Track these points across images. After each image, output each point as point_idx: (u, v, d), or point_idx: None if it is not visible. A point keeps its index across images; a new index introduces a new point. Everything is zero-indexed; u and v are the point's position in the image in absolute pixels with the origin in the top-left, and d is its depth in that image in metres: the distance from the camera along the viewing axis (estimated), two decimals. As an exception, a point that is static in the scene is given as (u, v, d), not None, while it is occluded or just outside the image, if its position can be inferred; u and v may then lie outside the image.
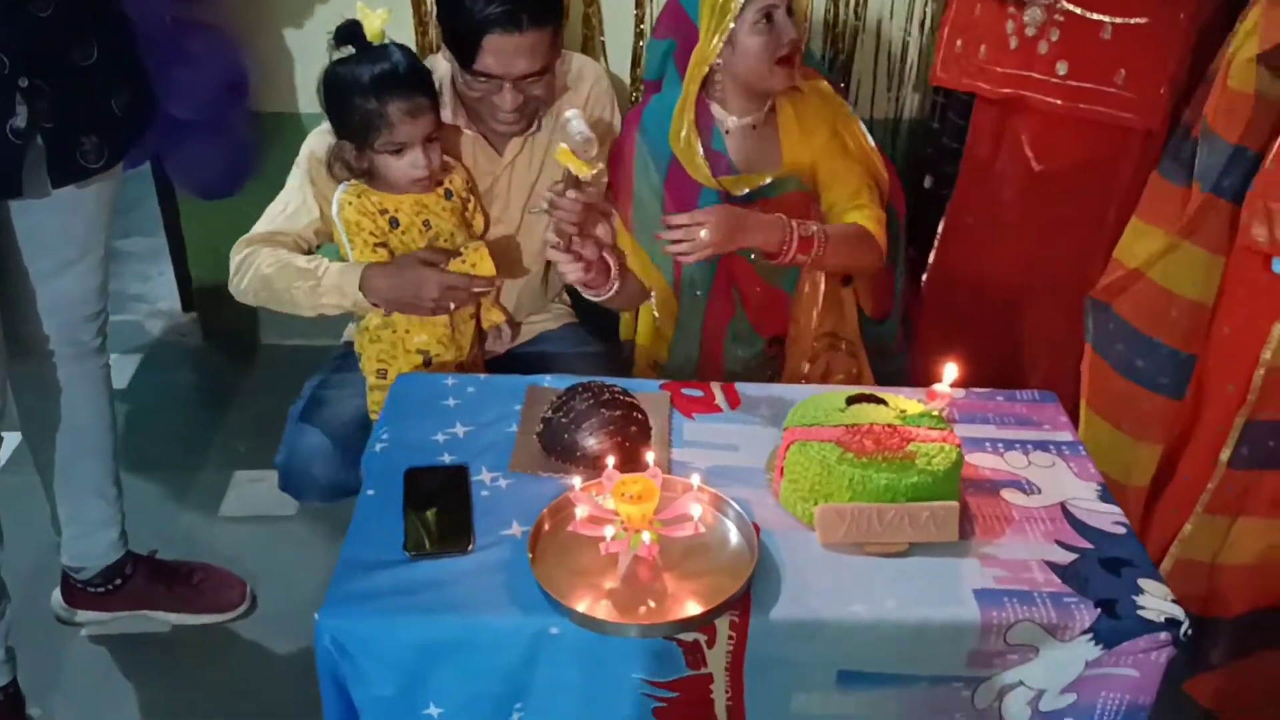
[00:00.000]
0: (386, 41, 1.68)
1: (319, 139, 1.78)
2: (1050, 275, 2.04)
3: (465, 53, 1.71)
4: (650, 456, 1.28)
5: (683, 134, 1.76)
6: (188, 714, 1.78)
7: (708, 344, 1.88)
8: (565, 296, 2.12)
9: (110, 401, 1.81)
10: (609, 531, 1.21)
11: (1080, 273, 1.94)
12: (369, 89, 1.64)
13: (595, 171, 1.60)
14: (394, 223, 1.73)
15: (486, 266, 1.72)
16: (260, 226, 1.80)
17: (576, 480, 1.28)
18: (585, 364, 1.89)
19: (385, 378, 1.78)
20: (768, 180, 1.79)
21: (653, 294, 1.88)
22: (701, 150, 1.76)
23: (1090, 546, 1.30)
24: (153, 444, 2.38)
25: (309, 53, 2.32)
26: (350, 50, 1.67)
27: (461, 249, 1.75)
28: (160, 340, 2.76)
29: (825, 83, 1.86)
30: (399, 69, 1.66)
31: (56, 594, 1.92)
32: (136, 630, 1.91)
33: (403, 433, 1.47)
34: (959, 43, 2.01)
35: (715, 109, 1.78)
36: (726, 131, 1.79)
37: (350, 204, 1.72)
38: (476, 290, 1.73)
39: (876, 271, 1.82)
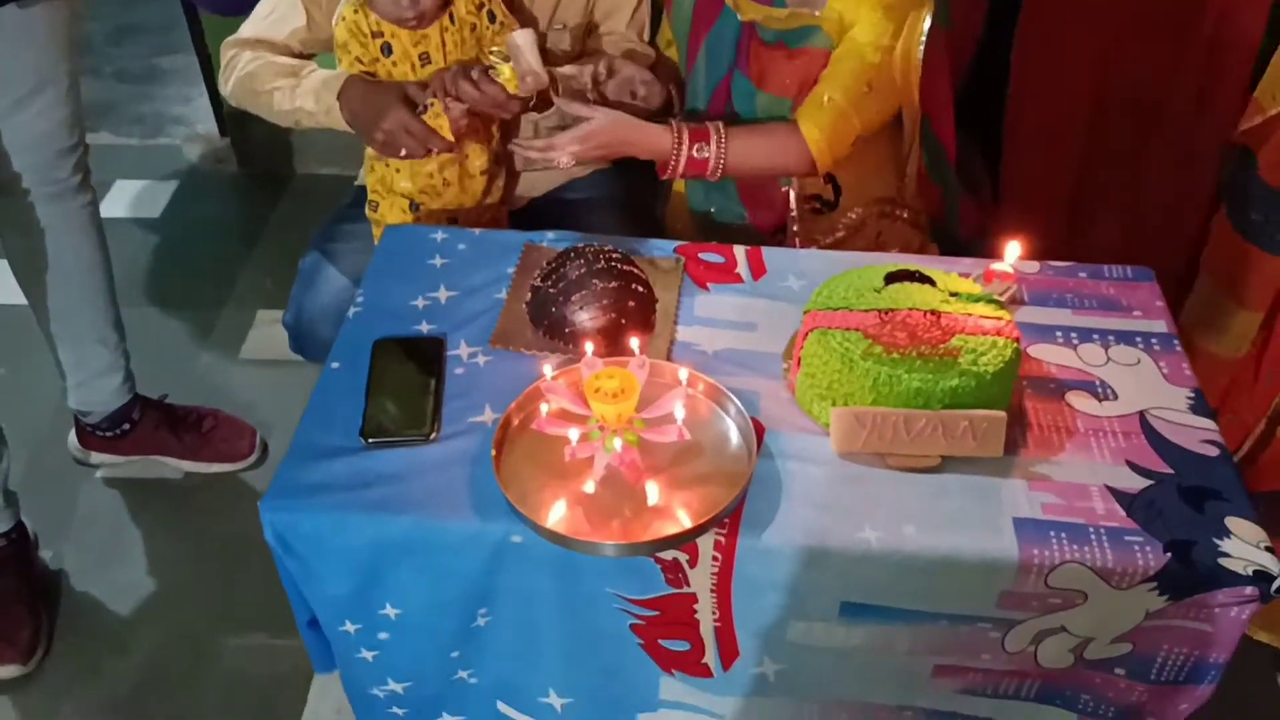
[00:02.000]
0: None
1: None
2: (1144, 90, 1.71)
3: None
4: (635, 343, 1.08)
5: None
6: (193, 562, 1.75)
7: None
8: None
9: (100, 244, 1.68)
10: (575, 433, 1.03)
11: (1186, 84, 1.62)
12: None
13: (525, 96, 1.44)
14: (386, 49, 1.51)
15: (445, 129, 1.48)
16: (245, 31, 1.61)
17: (547, 367, 1.10)
18: (615, 219, 1.68)
19: (376, 210, 1.62)
20: (787, 19, 1.47)
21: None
22: None
23: (1169, 471, 1.07)
24: (179, 278, 2.30)
25: None
26: None
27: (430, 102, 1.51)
28: (196, 167, 2.66)
29: None
30: None
31: (72, 435, 1.87)
32: (150, 475, 1.86)
33: (382, 295, 1.31)
34: None
35: None
36: None
37: (344, 20, 1.51)
38: (432, 149, 1.49)
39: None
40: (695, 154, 1.44)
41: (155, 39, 3.03)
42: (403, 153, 1.47)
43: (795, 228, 1.56)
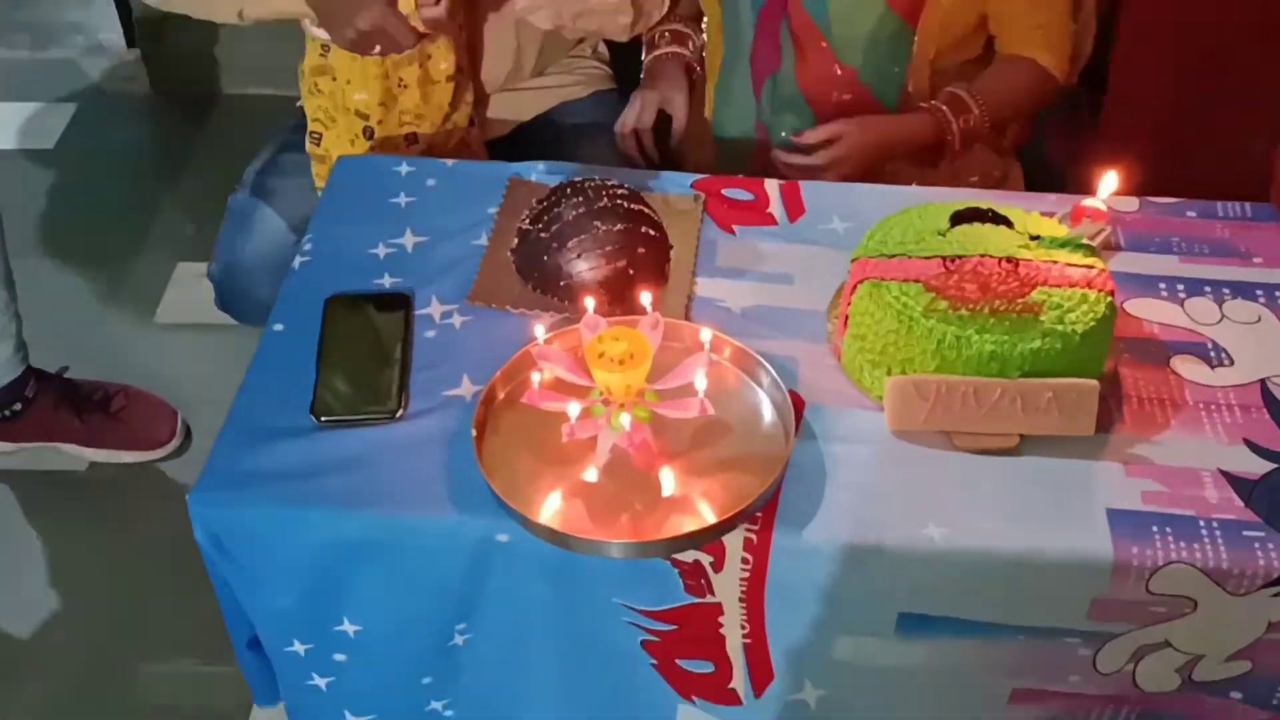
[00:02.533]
0: None
1: None
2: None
3: None
4: (647, 298, 1.11)
5: None
6: (103, 573, 1.77)
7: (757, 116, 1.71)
8: (602, 48, 1.92)
9: None
10: (574, 408, 1.05)
11: None
12: None
13: None
14: None
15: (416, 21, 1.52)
16: None
17: (539, 327, 1.12)
18: (614, 149, 1.73)
19: (319, 144, 1.66)
20: None
21: (704, 24, 1.73)
22: None
23: (1297, 452, 1.10)
24: (81, 224, 2.33)
25: None
26: None
27: None
28: (98, 86, 2.69)
29: None
30: None
31: (-46, 418, 1.90)
32: (47, 466, 1.90)
33: (334, 242, 1.36)
34: None
35: None
36: None
37: None
38: (405, 43, 1.53)
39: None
40: (964, 125, 1.59)
41: (43, -72, 3.05)
42: (376, 49, 1.51)
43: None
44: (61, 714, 1.62)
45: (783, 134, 1.69)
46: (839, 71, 1.65)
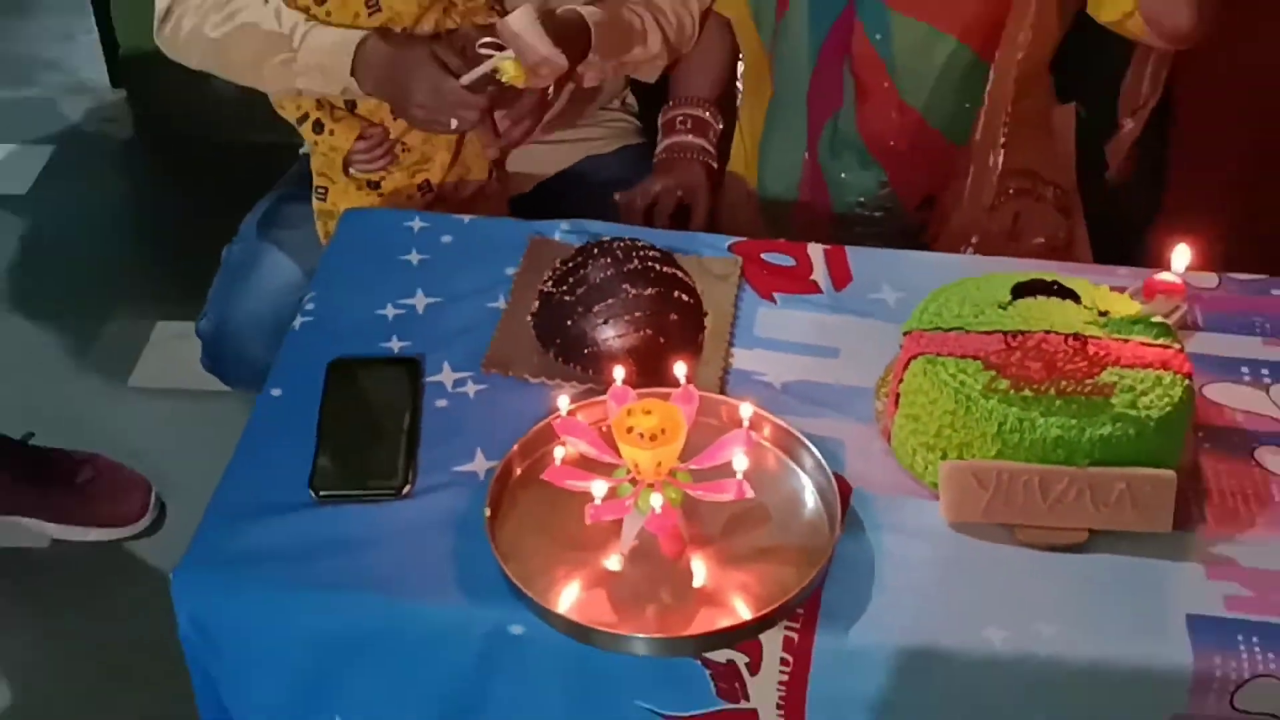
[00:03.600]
0: None
1: None
2: None
3: None
4: (682, 369, 1.13)
5: None
6: (63, 665, 1.78)
7: (814, 162, 1.75)
8: (630, 99, 1.98)
9: None
10: (599, 487, 1.06)
11: None
12: None
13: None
14: None
15: (511, 75, 1.55)
16: None
17: (563, 399, 1.14)
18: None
19: (324, 198, 1.71)
20: None
21: (740, 66, 1.81)
22: None
23: (1396, 555, 1.12)
24: (53, 276, 2.37)
25: None
26: None
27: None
28: (79, 128, 2.76)
29: None
30: None
31: (-99, 489, 1.92)
32: (4, 543, 1.91)
33: (338, 301, 1.39)
34: None
35: None
36: None
37: None
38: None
39: None
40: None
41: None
42: (453, 125, 1.56)
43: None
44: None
45: (842, 175, 1.74)
46: (901, 115, 1.70)
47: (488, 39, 1.55)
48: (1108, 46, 1.70)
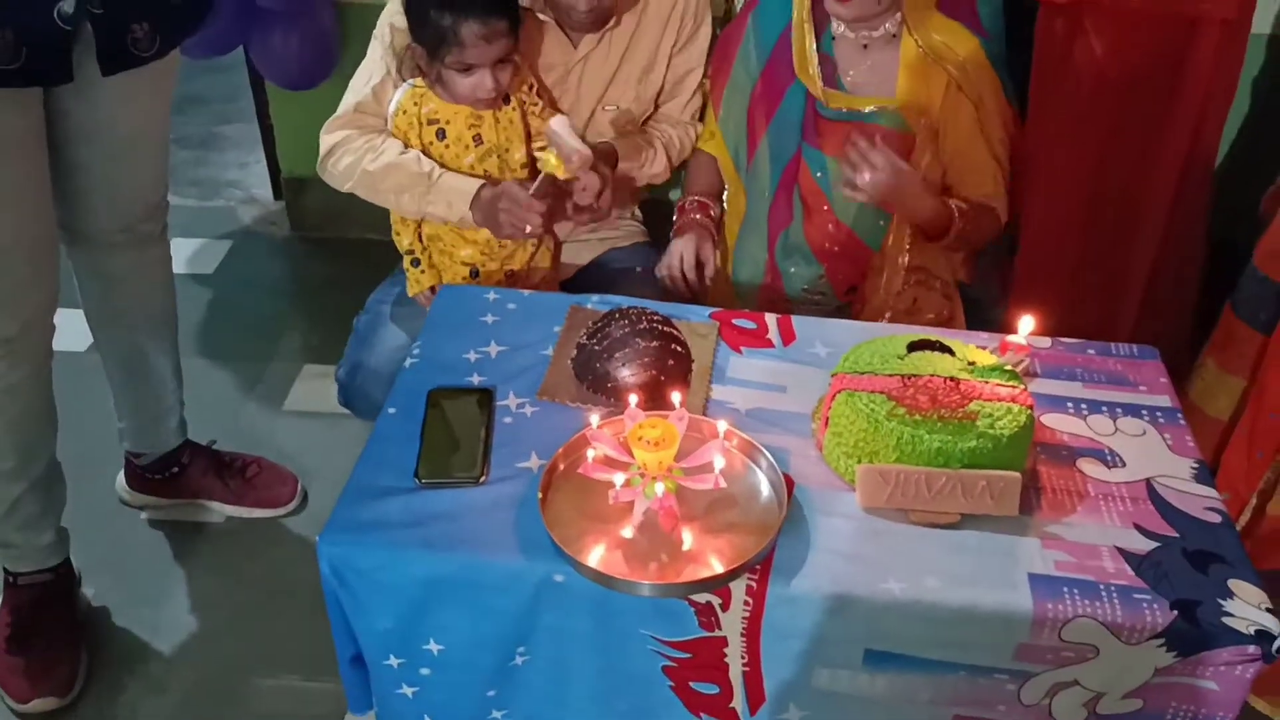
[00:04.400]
0: None
1: (397, 8, 1.64)
2: (1132, 188, 1.83)
3: None
4: (676, 397, 1.14)
5: (797, 17, 1.66)
6: (231, 604, 1.77)
7: (772, 260, 1.75)
8: (638, 212, 1.97)
9: (171, 291, 1.76)
10: (618, 479, 1.07)
11: (1166, 184, 1.77)
12: (447, 3, 1.51)
13: (572, 175, 1.57)
14: (440, 134, 1.62)
15: (552, 165, 1.55)
16: (347, 100, 1.69)
17: (594, 417, 1.15)
18: (653, 288, 1.76)
19: (417, 267, 1.71)
20: (869, 108, 1.66)
21: (725, 191, 1.82)
22: (813, 43, 1.65)
23: (1175, 535, 1.11)
24: (230, 332, 2.36)
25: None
26: None
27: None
28: (250, 228, 2.73)
29: (973, 39, 1.65)
30: None
31: (121, 476, 1.91)
32: (192, 518, 1.90)
33: (437, 348, 1.38)
34: None
35: (831, 4, 1.62)
36: (834, 37, 1.67)
37: (403, 113, 1.63)
38: (524, 230, 1.58)
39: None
40: (960, 227, 1.60)
41: (217, 108, 3.15)
42: (528, 229, 1.57)
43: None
44: (192, 717, 1.60)
45: (791, 269, 1.75)
46: (835, 228, 1.71)
47: (540, 145, 1.57)
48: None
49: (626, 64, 1.75)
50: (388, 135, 1.65)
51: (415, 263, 1.72)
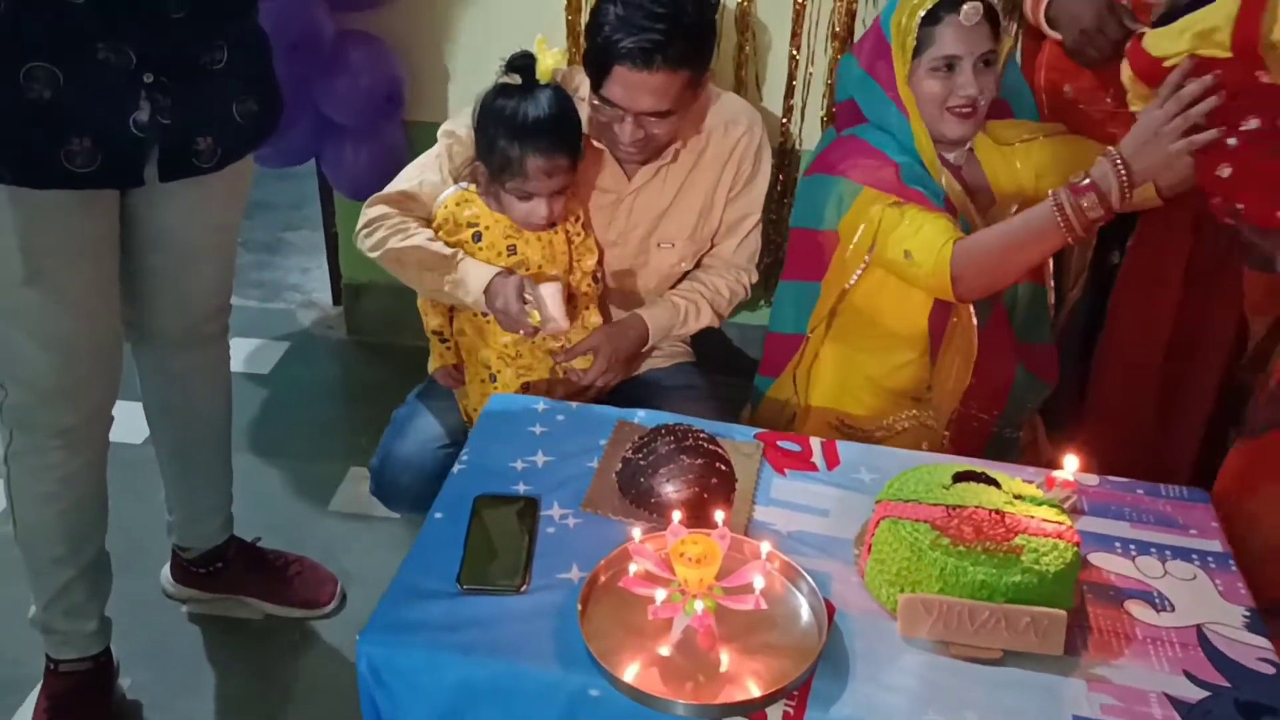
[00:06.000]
0: (553, 83, 1.63)
1: (462, 121, 1.73)
2: (1203, 333, 1.83)
3: (596, 75, 1.67)
4: (720, 516, 1.15)
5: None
6: (261, 702, 1.77)
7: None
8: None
9: (228, 390, 1.82)
10: (660, 594, 1.09)
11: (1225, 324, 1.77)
12: (514, 133, 1.60)
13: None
14: (477, 237, 1.69)
15: (536, 320, 1.63)
16: (395, 185, 1.77)
17: (637, 531, 1.16)
18: (694, 403, 1.78)
19: (445, 342, 1.78)
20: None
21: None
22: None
23: (1227, 685, 1.09)
24: (281, 431, 2.42)
25: (460, 68, 2.33)
26: (516, 80, 1.63)
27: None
28: (308, 331, 2.82)
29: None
30: (548, 123, 1.60)
31: (166, 569, 1.94)
32: (233, 614, 1.91)
33: (484, 455, 1.41)
34: (1066, 88, 1.77)
35: (950, 127, 1.62)
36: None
37: (445, 208, 1.71)
38: (520, 329, 1.65)
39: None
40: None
41: (283, 214, 3.29)
42: (521, 331, 1.63)
43: None
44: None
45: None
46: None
47: (528, 298, 1.60)
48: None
49: (680, 201, 1.81)
50: (423, 223, 1.72)
51: (443, 340, 1.78)
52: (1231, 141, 1.31)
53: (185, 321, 1.68)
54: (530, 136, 1.59)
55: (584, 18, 2.21)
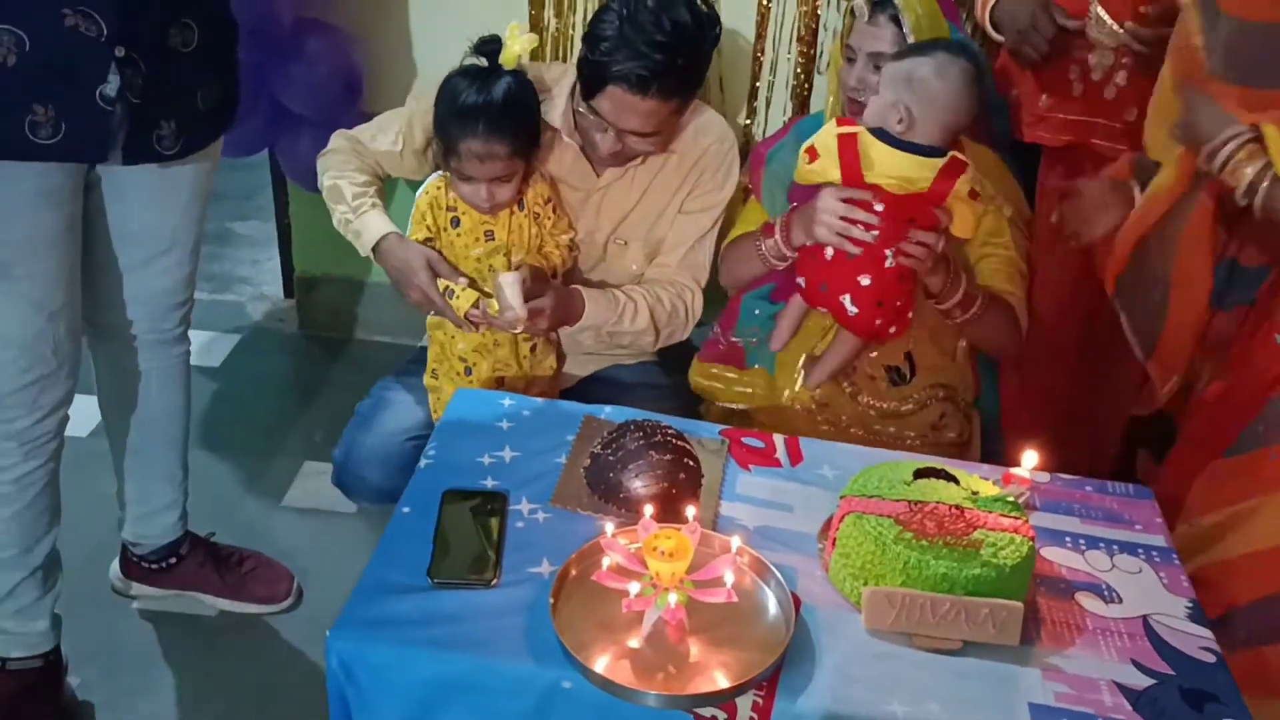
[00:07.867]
0: (514, 69, 1.64)
1: (425, 105, 1.74)
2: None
3: (588, 86, 1.69)
4: (691, 511, 1.18)
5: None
6: (217, 700, 1.76)
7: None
8: None
9: (187, 389, 1.80)
10: (633, 588, 1.11)
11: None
12: (454, 113, 1.62)
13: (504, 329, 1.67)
14: (455, 222, 1.70)
15: (460, 306, 1.64)
16: (361, 128, 1.83)
17: (609, 525, 1.18)
18: (658, 400, 1.78)
19: (436, 378, 1.77)
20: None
21: None
22: None
23: (1171, 673, 1.15)
24: (233, 425, 2.39)
25: (422, 57, 2.32)
26: (480, 63, 1.64)
27: (490, 273, 1.68)
28: (259, 324, 2.79)
29: (990, 153, 1.77)
30: (488, 109, 1.60)
31: (115, 564, 1.92)
32: (185, 610, 1.90)
33: (451, 451, 1.41)
34: (1014, 92, 1.86)
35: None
36: None
37: (427, 194, 1.73)
38: (447, 317, 1.68)
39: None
40: (969, 289, 1.65)
41: (234, 204, 3.24)
42: (430, 312, 1.66)
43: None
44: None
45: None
46: None
47: (490, 294, 1.61)
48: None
49: (644, 203, 1.83)
50: (363, 170, 1.77)
51: (434, 374, 1.80)
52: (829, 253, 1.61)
53: (146, 319, 1.67)
54: (468, 119, 1.60)
55: (547, 10, 2.23)
